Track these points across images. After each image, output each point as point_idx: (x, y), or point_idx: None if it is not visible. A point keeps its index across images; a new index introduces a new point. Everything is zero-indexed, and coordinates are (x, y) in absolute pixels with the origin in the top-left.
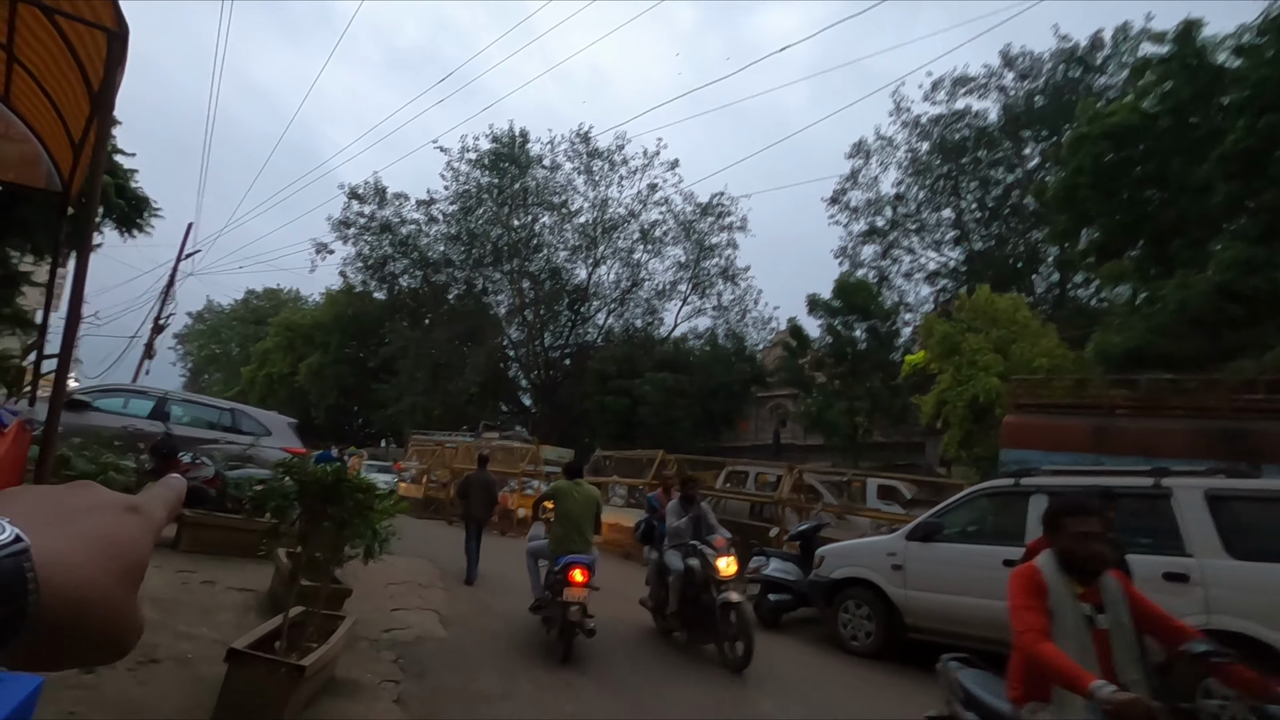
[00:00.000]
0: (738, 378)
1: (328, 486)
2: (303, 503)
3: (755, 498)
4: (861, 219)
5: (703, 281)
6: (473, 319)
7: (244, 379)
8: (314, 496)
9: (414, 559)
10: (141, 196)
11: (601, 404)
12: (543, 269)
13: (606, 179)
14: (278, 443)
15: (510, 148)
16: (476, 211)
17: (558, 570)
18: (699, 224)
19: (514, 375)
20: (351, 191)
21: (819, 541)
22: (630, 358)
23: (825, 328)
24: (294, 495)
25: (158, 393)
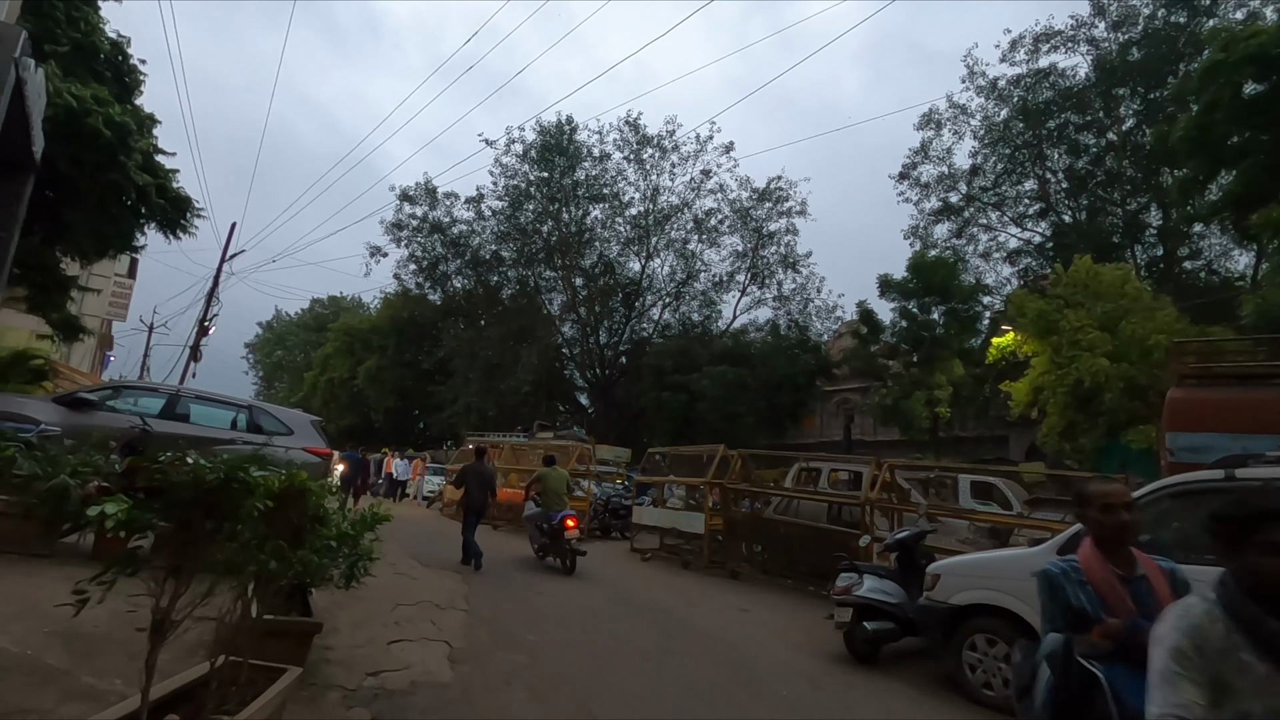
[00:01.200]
0: (802, 370)
1: (209, 490)
2: (165, 514)
3: (835, 498)
4: (933, 195)
5: (761, 271)
6: (525, 317)
7: (306, 384)
8: (189, 506)
9: (440, 571)
10: (183, 197)
11: (658, 401)
12: (595, 264)
13: (657, 167)
14: (299, 442)
15: (557, 138)
16: (526, 207)
17: (555, 521)
18: (756, 210)
19: (569, 374)
20: (403, 193)
21: (921, 552)
22: (687, 352)
23: (899, 311)
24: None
25: (169, 390)
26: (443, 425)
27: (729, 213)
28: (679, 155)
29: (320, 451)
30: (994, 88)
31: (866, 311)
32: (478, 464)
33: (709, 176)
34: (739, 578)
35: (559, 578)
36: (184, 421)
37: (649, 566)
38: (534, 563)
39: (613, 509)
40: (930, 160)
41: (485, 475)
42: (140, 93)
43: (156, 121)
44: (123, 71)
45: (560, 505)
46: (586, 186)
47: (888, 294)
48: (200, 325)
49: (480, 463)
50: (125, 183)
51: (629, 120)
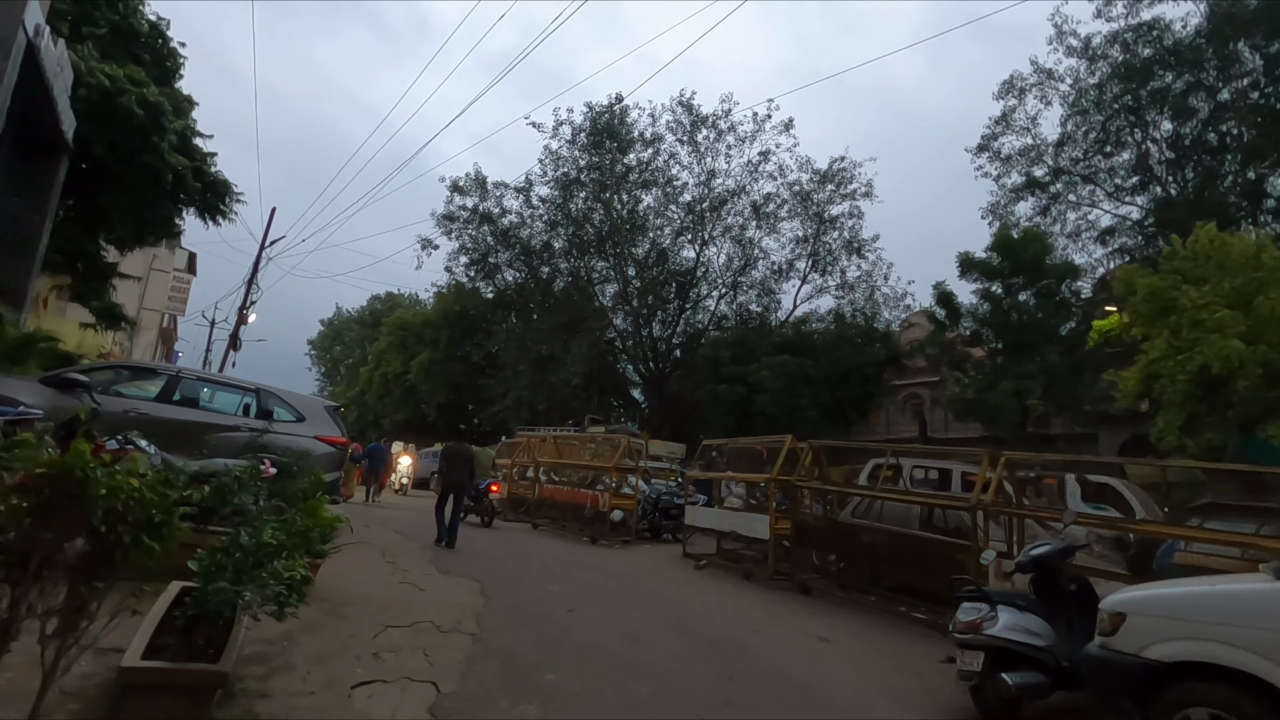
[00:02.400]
0: (870, 360)
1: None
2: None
3: (937, 501)
4: (1015, 170)
5: (823, 257)
6: (575, 308)
7: (362, 379)
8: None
9: (457, 580)
10: (221, 180)
11: (714, 394)
12: (648, 253)
13: (712, 150)
14: (312, 430)
15: (607, 120)
16: (576, 196)
17: (482, 487)
18: (817, 194)
19: (622, 368)
20: (453, 184)
21: (1069, 574)
22: (745, 342)
23: (981, 294)
24: None
25: (169, 371)
26: (494, 419)
27: (788, 196)
28: (735, 136)
29: (335, 441)
30: (1087, 47)
31: (944, 294)
32: (457, 444)
33: (767, 158)
34: (811, 593)
35: (597, 589)
36: (184, 406)
37: (704, 576)
38: (570, 569)
39: (663, 508)
40: (1013, 131)
41: (464, 455)
42: (180, 75)
43: (194, 103)
44: (162, 54)
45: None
46: (638, 171)
47: (968, 274)
48: (240, 313)
49: (459, 444)
50: (160, 165)
51: (682, 100)
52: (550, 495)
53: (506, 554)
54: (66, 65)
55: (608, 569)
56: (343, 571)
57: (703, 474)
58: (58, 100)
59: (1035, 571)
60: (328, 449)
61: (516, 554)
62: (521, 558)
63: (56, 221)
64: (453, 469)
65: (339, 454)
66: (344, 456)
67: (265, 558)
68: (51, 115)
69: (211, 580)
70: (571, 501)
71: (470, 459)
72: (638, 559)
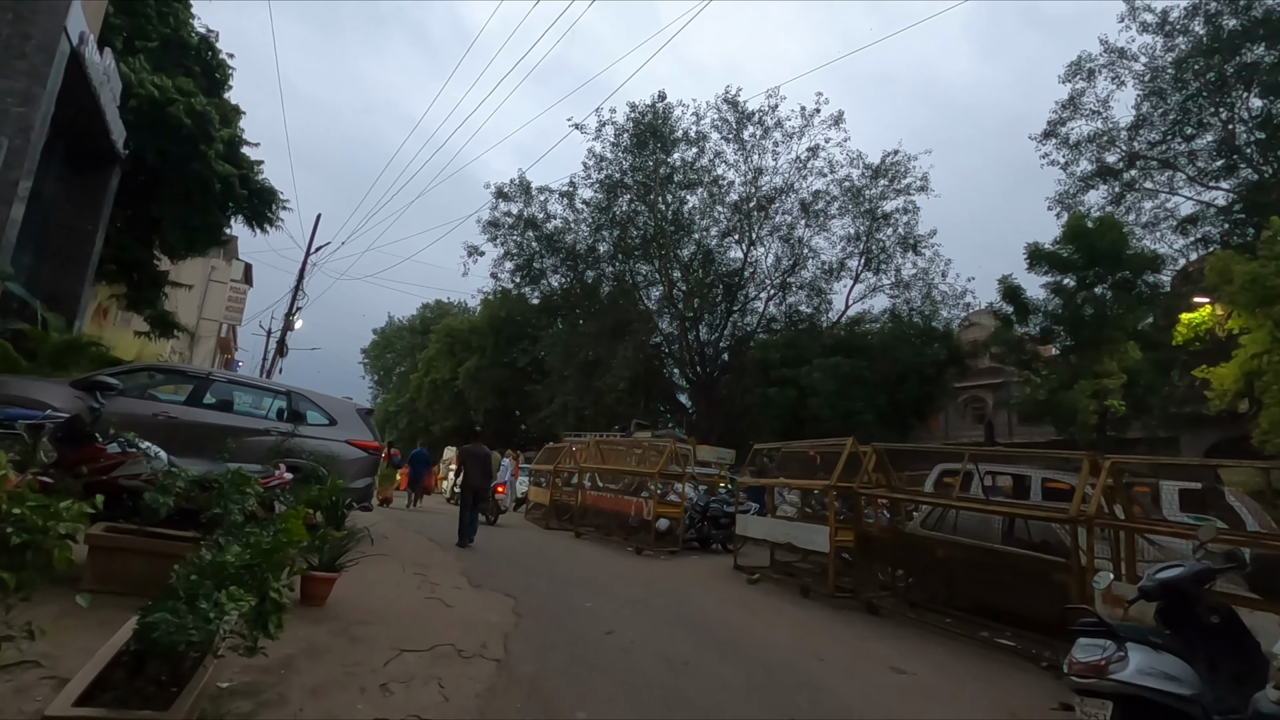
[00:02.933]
0: (929, 360)
1: None
2: None
3: (1027, 512)
4: (1084, 157)
5: (877, 255)
6: (620, 312)
7: (411, 386)
8: None
9: (490, 594)
10: (268, 188)
11: (765, 397)
12: (694, 255)
13: (759, 147)
14: (343, 434)
15: (650, 120)
16: (621, 198)
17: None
18: (869, 190)
19: (669, 373)
20: (498, 190)
21: (1208, 605)
22: (795, 344)
23: (1051, 288)
24: None
25: (200, 374)
26: (541, 425)
27: (838, 193)
28: (782, 132)
29: (366, 445)
30: (1164, 22)
31: (1011, 288)
32: (475, 447)
33: (816, 154)
34: (878, 613)
35: (640, 607)
36: (214, 409)
37: (757, 592)
38: (612, 583)
39: (712, 517)
40: (1081, 115)
41: (481, 457)
42: (229, 86)
43: (241, 113)
44: (212, 66)
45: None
46: (683, 171)
47: (1037, 267)
48: (286, 319)
49: (478, 445)
50: (208, 173)
51: (727, 98)
52: (594, 503)
53: (545, 565)
54: (114, 75)
55: (652, 583)
56: (366, 585)
57: (755, 480)
58: (106, 109)
59: (1165, 600)
60: (359, 453)
61: (556, 565)
62: (561, 570)
63: (111, 231)
64: (471, 472)
65: (371, 458)
66: (376, 461)
67: (227, 580)
68: (101, 125)
69: (157, 609)
70: (615, 509)
71: (487, 459)
72: (685, 572)
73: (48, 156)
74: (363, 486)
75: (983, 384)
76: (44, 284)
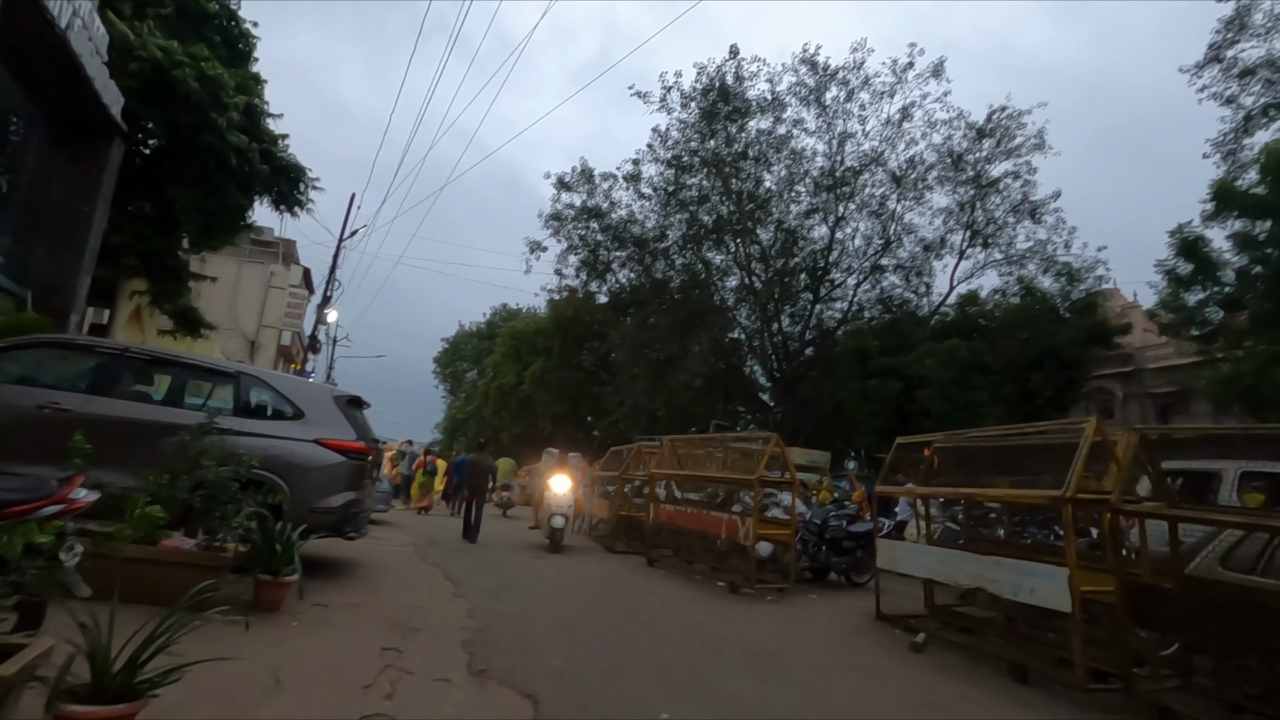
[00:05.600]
0: (1069, 339)
1: None
2: None
3: None
4: (1255, 87)
5: (984, 228)
6: (693, 303)
7: (479, 392)
8: None
9: (498, 694)
10: (294, 164)
11: (862, 390)
12: (772, 238)
13: (843, 111)
14: (312, 430)
15: (721, 83)
16: (691, 179)
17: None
18: (973, 153)
19: (748, 369)
20: (559, 180)
21: None
22: (896, 329)
23: (1238, 241)
24: None
25: (113, 349)
26: (611, 430)
27: (935, 159)
28: (870, 91)
29: (346, 446)
30: None
31: (1189, 241)
32: (479, 456)
33: (910, 114)
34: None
35: (750, 709)
36: (128, 399)
37: (934, 670)
38: (699, 655)
39: (832, 540)
40: (1252, 35)
41: (484, 465)
42: (255, 59)
43: (263, 81)
44: (234, 36)
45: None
46: (758, 144)
47: (1222, 214)
48: (319, 310)
49: (483, 454)
50: (222, 146)
51: (805, 58)
52: (670, 519)
53: (599, 619)
54: (94, 23)
55: (767, 656)
56: (301, 663)
57: (901, 490)
58: (85, 64)
59: None
60: (334, 459)
61: (616, 619)
62: (624, 630)
63: (124, 219)
64: (475, 477)
65: (353, 465)
66: (363, 469)
67: None
68: (85, 87)
69: None
70: (699, 528)
71: (490, 469)
72: (808, 627)
73: (30, 127)
74: (339, 505)
75: (1110, 373)
76: (35, 272)
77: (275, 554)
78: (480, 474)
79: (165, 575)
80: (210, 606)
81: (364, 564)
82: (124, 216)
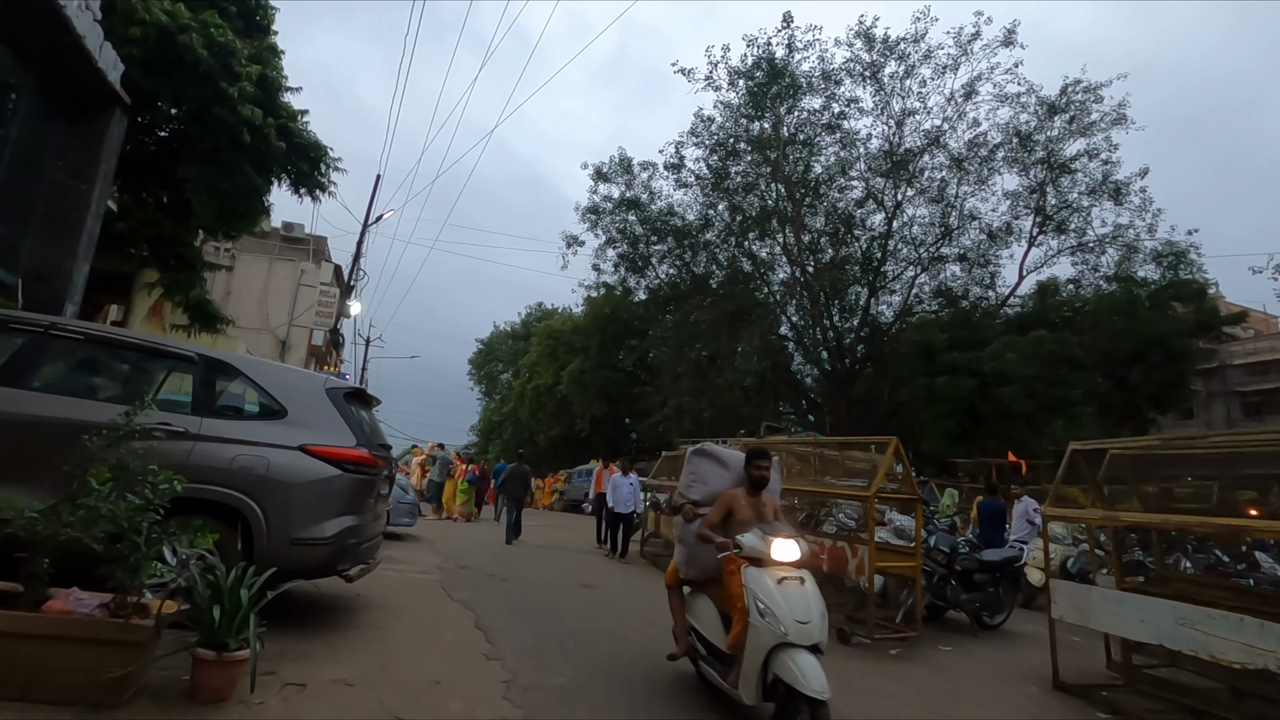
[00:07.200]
0: (1177, 329)
1: None
2: None
3: None
4: None
5: (1057, 212)
6: (740, 297)
7: (515, 393)
8: None
9: None
10: (313, 141)
11: (929, 389)
12: (824, 226)
13: (901, 89)
14: (296, 434)
15: (769, 59)
16: (737, 163)
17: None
18: (1043, 132)
19: (798, 367)
20: (596, 171)
21: None
22: (966, 322)
23: None
24: None
25: (34, 325)
26: (652, 432)
27: (1002, 138)
28: (932, 66)
29: (341, 454)
30: None
31: None
32: (518, 465)
33: (976, 89)
34: None
35: None
36: (52, 392)
37: None
38: None
39: (963, 572)
40: None
41: (521, 474)
42: (274, 32)
43: (281, 52)
44: (250, 8)
45: None
46: (809, 127)
47: None
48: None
49: (520, 464)
50: (234, 120)
51: (860, 31)
52: None
53: (678, 689)
54: None
55: None
56: None
57: (1071, 515)
58: (72, 18)
59: None
60: (325, 471)
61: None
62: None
63: (131, 203)
64: (513, 485)
65: (351, 480)
66: (367, 485)
67: None
68: (75, 46)
69: None
70: None
71: (527, 476)
72: (960, 700)
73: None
74: (332, 535)
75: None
76: (27, 258)
77: (222, 618)
78: (518, 483)
79: (50, 657)
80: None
81: (370, 604)
82: (133, 202)
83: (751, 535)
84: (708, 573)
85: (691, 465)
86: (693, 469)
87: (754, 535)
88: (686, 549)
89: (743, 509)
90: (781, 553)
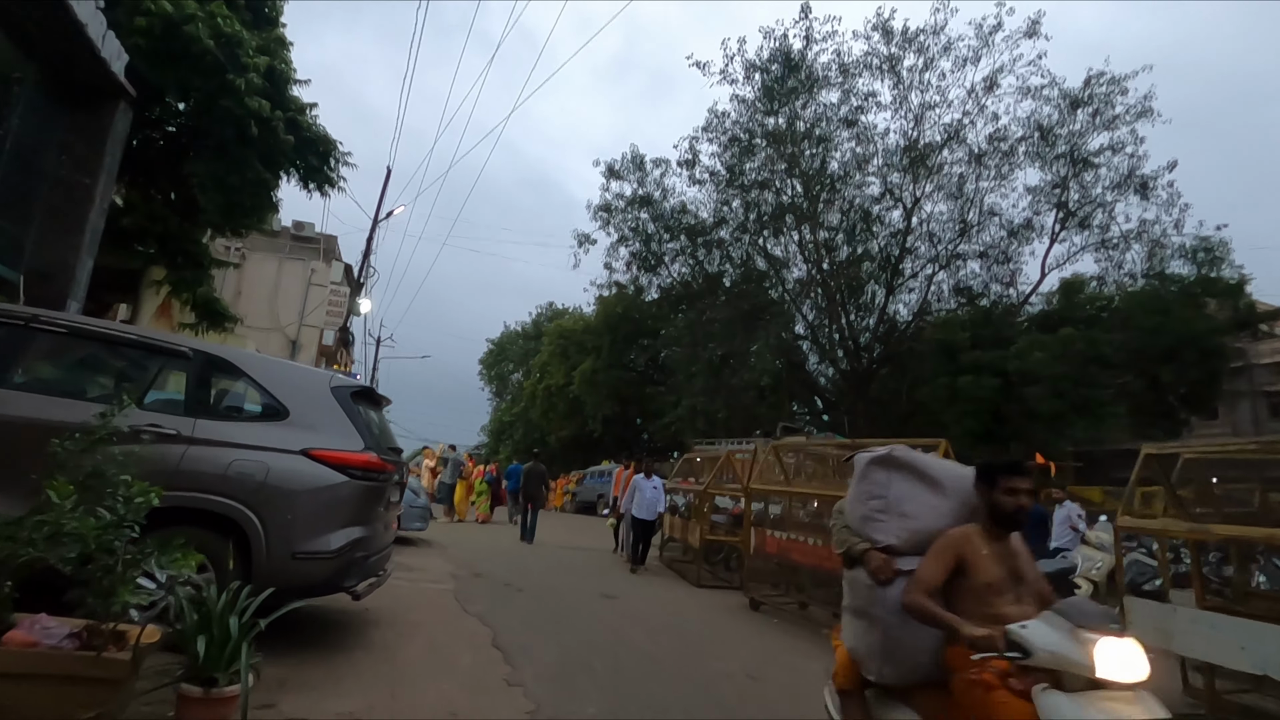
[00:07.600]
0: (1209, 327)
1: None
2: None
3: None
4: None
5: (1080, 208)
6: (755, 295)
7: (526, 393)
8: None
9: None
10: (322, 135)
11: (951, 389)
12: (841, 223)
13: (920, 83)
14: (299, 438)
15: (785, 53)
16: (751, 160)
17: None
18: (1066, 125)
19: (814, 366)
20: (608, 168)
21: None
22: (990, 320)
23: None
24: None
25: (15, 317)
26: (665, 433)
27: (1023, 132)
28: (952, 59)
29: (348, 459)
30: None
31: None
32: (533, 465)
33: (996, 84)
34: None
35: None
36: (32, 391)
37: None
38: None
39: None
40: None
41: (537, 473)
42: (282, 24)
43: (289, 43)
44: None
45: None
46: (825, 121)
47: None
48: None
49: (535, 464)
50: (241, 112)
51: (878, 24)
52: (778, 551)
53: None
54: None
55: None
56: None
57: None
58: (73, 3)
59: None
60: (330, 477)
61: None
62: None
63: (137, 199)
64: (529, 485)
65: (359, 487)
66: (376, 492)
67: None
68: (77, 32)
69: None
70: (819, 565)
71: (543, 475)
72: None
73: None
74: (338, 549)
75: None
76: (29, 254)
77: (209, 649)
78: (533, 482)
79: (10, 695)
80: None
81: (380, 619)
82: (140, 198)
83: (1042, 625)
84: (919, 672)
85: (871, 483)
86: (876, 490)
87: (1047, 625)
88: (879, 629)
89: (984, 564)
90: (1115, 665)
